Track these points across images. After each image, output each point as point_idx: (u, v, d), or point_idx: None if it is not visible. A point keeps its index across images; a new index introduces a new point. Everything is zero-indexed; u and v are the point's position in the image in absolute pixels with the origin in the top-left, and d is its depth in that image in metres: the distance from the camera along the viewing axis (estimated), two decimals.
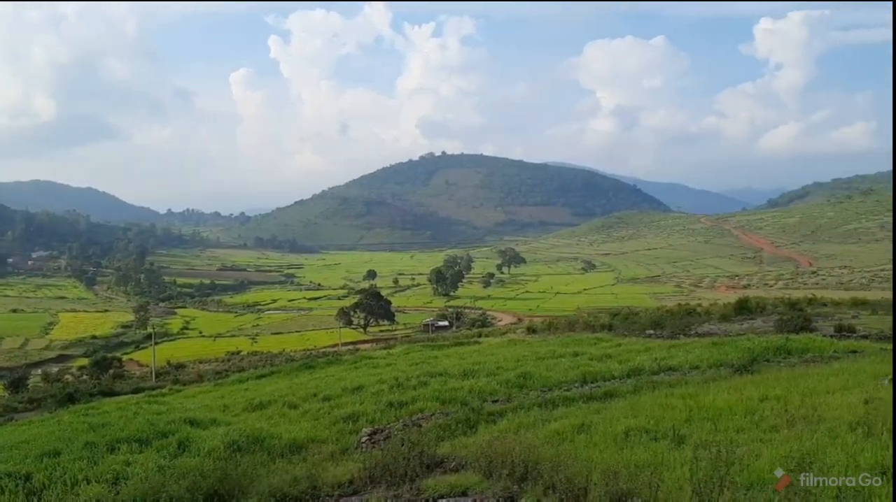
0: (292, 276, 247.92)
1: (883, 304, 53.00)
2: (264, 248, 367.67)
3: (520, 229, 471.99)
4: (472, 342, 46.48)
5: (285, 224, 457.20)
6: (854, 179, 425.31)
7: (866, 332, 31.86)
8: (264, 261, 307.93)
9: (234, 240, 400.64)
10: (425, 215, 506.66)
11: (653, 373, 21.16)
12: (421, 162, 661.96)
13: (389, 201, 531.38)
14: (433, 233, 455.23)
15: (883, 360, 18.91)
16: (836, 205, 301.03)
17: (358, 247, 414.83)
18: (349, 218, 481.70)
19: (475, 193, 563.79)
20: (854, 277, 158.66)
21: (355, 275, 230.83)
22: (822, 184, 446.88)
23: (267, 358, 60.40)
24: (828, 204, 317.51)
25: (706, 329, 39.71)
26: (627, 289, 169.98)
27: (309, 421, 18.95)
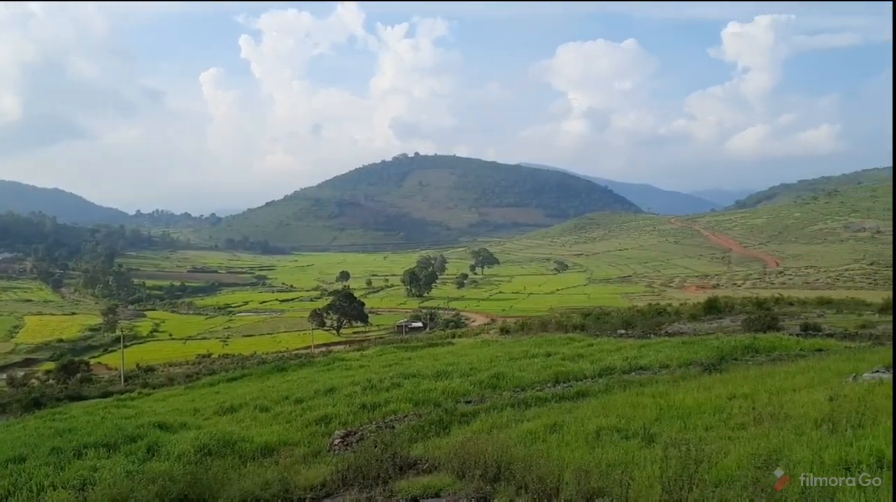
0: (264, 278, 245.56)
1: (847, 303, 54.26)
2: (235, 250, 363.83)
3: (493, 230, 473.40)
4: (446, 343, 46.55)
5: (257, 225, 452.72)
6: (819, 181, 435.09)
7: (831, 331, 32.61)
8: (235, 262, 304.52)
9: (205, 242, 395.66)
10: (399, 216, 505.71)
11: (624, 373, 21.39)
12: (394, 163, 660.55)
13: (363, 202, 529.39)
14: (407, 234, 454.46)
15: (848, 358, 19.34)
16: (802, 206, 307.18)
17: (331, 248, 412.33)
18: (322, 219, 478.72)
19: (449, 194, 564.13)
20: (820, 277, 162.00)
21: (328, 277, 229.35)
22: (789, 185, 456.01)
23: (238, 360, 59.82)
24: (794, 205, 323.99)
25: (676, 328, 40.25)
26: (599, 289, 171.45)
27: (281, 423, 18.79)
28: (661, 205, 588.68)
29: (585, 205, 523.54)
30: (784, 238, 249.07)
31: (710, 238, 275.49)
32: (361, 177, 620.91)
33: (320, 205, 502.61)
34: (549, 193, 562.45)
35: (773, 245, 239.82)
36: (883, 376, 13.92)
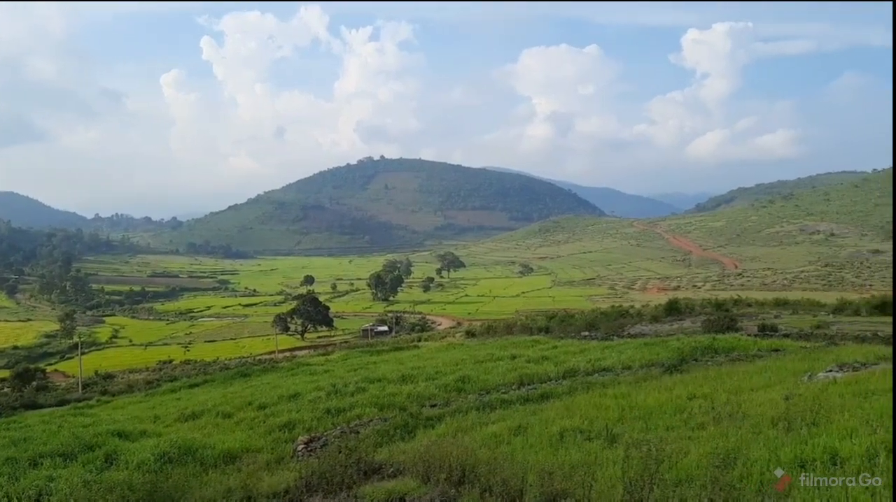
0: (227, 283, 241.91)
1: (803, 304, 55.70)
2: (197, 254, 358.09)
3: (459, 233, 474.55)
4: (412, 347, 46.50)
5: (219, 229, 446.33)
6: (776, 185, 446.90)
7: (788, 331, 33.41)
8: (197, 267, 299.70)
9: (166, 246, 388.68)
10: (364, 220, 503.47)
11: (587, 374, 21.62)
12: (359, 166, 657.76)
13: (327, 205, 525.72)
14: (372, 238, 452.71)
15: (803, 358, 19.85)
16: (759, 210, 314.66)
17: (295, 252, 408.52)
18: (286, 222, 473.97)
19: (414, 198, 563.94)
20: (776, 278, 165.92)
21: (292, 281, 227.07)
22: (747, 189, 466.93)
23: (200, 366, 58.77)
24: (752, 208, 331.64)
25: (638, 330, 40.82)
26: (564, 291, 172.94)
27: (244, 430, 18.55)
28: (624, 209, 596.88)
29: (550, 208, 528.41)
30: (742, 240, 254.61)
31: (670, 241, 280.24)
32: (326, 181, 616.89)
33: (284, 208, 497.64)
34: (513, 197, 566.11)
35: (731, 247, 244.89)
36: (836, 375, 14.34)
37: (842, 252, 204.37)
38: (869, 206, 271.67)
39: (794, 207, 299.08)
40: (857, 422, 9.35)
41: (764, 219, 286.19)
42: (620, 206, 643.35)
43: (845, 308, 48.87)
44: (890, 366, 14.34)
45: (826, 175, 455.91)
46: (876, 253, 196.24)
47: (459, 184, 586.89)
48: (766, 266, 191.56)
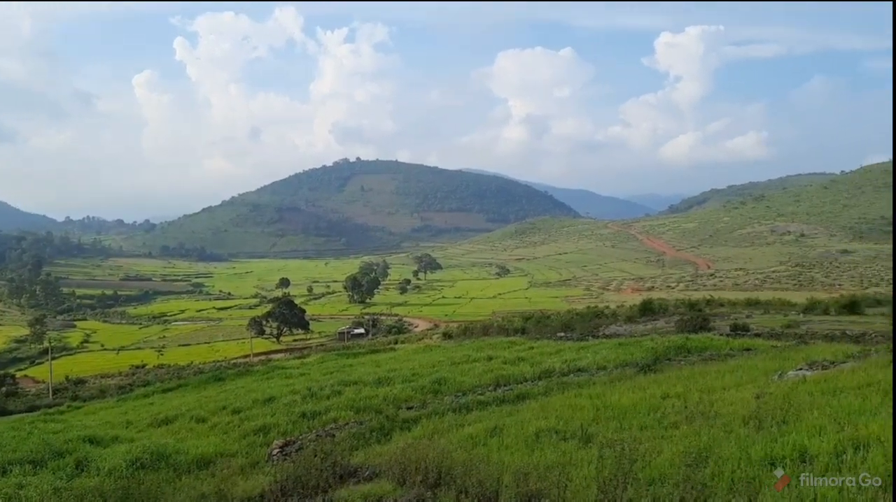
0: (201, 286, 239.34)
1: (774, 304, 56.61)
2: (171, 257, 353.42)
3: (436, 235, 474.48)
4: (388, 349, 46.43)
5: (193, 231, 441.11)
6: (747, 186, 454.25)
7: (759, 331, 33.92)
8: (171, 270, 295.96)
9: (139, 249, 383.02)
10: (340, 222, 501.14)
11: (563, 375, 21.76)
12: (335, 168, 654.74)
13: (303, 207, 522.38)
14: (348, 240, 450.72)
15: (774, 357, 20.18)
16: (731, 211, 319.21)
17: (270, 254, 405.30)
18: (261, 225, 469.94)
19: (391, 200, 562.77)
20: (748, 279, 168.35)
21: (268, 284, 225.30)
22: (719, 190, 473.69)
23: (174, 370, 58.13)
24: (724, 209, 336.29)
25: (613, 330, 41.15)
26: (540, 292, 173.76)
27: (218, 434, 18.39)
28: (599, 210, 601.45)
29: (526, 210, 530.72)
30: (714, 241, 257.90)
31: (645, 242, 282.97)
32: (302, 182, 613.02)
33: (259, 210, 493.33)
34: (490, 198, 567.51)
35: (704, 248, 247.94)
36: (806, 373, 14.60)
37: (812, 252, 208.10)
38: (837, 208, 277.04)
39: (765, 208, 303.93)
40: (826, 420, 9.52)
41: (736, 220, 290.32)
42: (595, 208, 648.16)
43: (815, 307, 49.77)
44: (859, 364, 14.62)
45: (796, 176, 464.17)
46: (845, 253, 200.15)
47: (436, 185, 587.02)
48: (738, 266, 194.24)
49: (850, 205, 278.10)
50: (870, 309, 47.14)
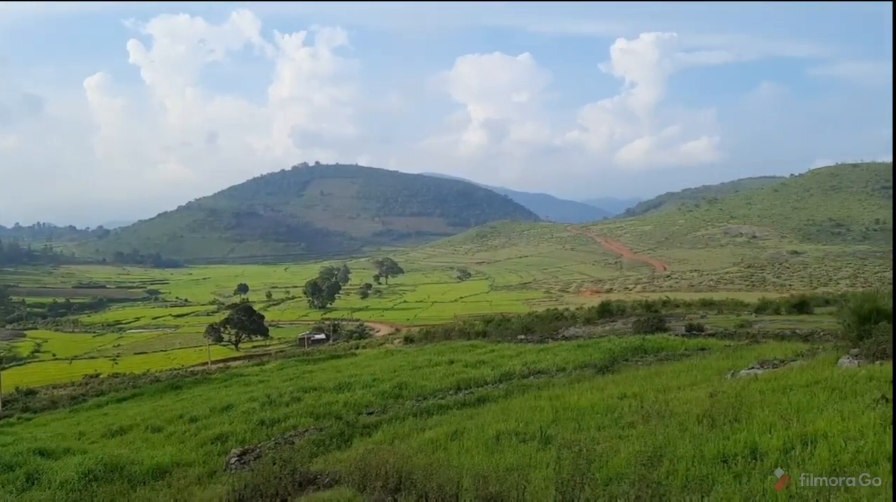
0: (157, 292, 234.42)
1: (727, 304, 57.93)
2: (125, 264, 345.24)
3: (397, 239, 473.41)
4: (349, 354, 46.11)
5: (148, 237, 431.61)
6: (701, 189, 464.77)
7: (713, 331, 34.66)
8: (125, 276, 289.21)
9: (92, 256, 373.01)
10: (300, 226, 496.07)
11: (523, 377, 21.92)
12: (294, 172, 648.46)
13: (261, 212, 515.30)
14: (308, 245, 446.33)
15: (727, 356, 20.65)
16: (686, 214, 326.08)
17: (228, 260, 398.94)
18: (218, 230, 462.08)
19: (351, 204, 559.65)
20: (703, 280, 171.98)
21: (226, 290, 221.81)
22: (674, 194, 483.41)
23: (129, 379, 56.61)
24: (678, 212, 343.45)
25: (572, 332, 41.56)
26: (501, 296, 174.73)
27: (174, 444, 18.04)
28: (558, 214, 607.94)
29: (486, 213, 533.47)
30: (670, 243, 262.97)
31: (603, 244, 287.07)
32: (260, 187, 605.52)
33: (216, 215, 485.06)
34: (450, 202, 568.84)
35: (660, 250, 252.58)
36: (757, 372, 14.99)
37: (763, 253, 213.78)
38: (787, 210, 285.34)
39: (719, 211, 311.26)
40: (776, 417, 9.79)
41: (690, 222, 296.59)
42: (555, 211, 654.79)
43: (766, 307, 51.05)
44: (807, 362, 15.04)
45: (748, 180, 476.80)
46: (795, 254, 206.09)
47: (397, 189, 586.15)
48: (693, 268, 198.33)
49: (800, 207, 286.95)
50: (818, 308, 48.56)
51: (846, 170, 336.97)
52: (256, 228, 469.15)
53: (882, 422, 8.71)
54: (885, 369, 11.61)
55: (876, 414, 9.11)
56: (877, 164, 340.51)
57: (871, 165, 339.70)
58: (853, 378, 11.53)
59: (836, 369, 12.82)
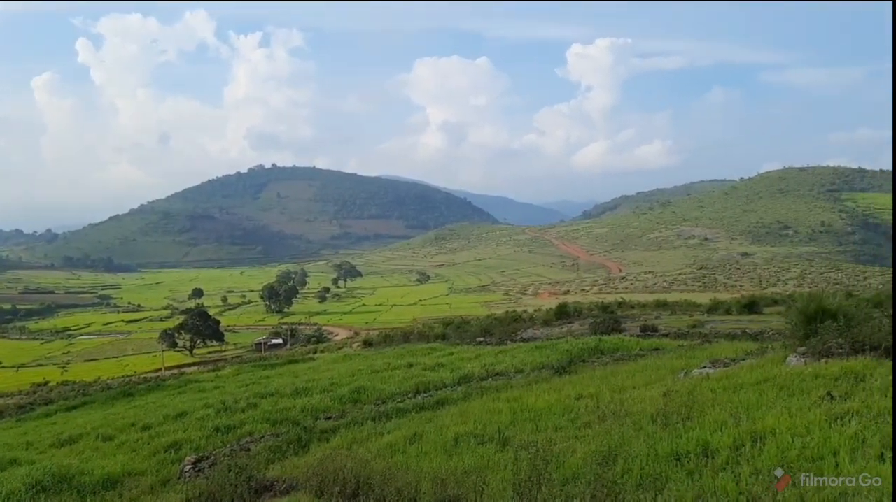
0: (108, 298, 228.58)
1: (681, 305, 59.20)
2: (75, 268, 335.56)
3: (355, 242, 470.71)
4: (307, 359, 45.60)
5: (99, 241, 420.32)
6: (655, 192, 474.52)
7: (667, 331, 35.31)
8: (75, 282, 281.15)
9: (40, 260, 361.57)
10: (256, 229, 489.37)
11: (482, 379, 21.97)
12: (250, 174, 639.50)
13: (216, 215, 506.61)
14: (265, 248, 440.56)
15: (680, 356, 21.04)
16: (640, 216, 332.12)
17: (182, 264, 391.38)
18: (172, 233, 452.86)
19: (309, 207, 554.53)
20: (657, 281, 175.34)
21: (180, 295, 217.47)
22: (629, 196, 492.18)
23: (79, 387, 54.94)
24: (633, 215, 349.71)
25: (530, 334, 41.89)
26: (460, 298, 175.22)
27: (126, 453, 17.58)
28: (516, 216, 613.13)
29: (445, 216, 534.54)
30: (625, 246, 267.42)
31: (560, 247, 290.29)
32: (215, 190, 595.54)
33: (170, 218, 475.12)
34: (409, 205, 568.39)
35: (616, 252, 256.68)
36: (709, 371, 15.31)
37: (714, 255, 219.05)
38: (737, 212, 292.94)
39: (672, 214, 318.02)
40: (726, 415, 10.01)
41: (645, 225, 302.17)
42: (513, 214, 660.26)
43: (718, 307, 52.31)
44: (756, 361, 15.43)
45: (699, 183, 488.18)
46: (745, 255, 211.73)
47: (355, 192, 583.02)
48: (647, 269, 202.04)
49: (749, 210, 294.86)
50: (767, 308, 49.92)
51: (793, 174, 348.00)
52: (211, 231, 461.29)
53: (827, 418, 8.99)
54: (830, 367, 11.97)
55: (822, 410, 9.39)
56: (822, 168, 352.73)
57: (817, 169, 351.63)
58: (800, 376, 11.85)
59: (784, 367, 13.15)
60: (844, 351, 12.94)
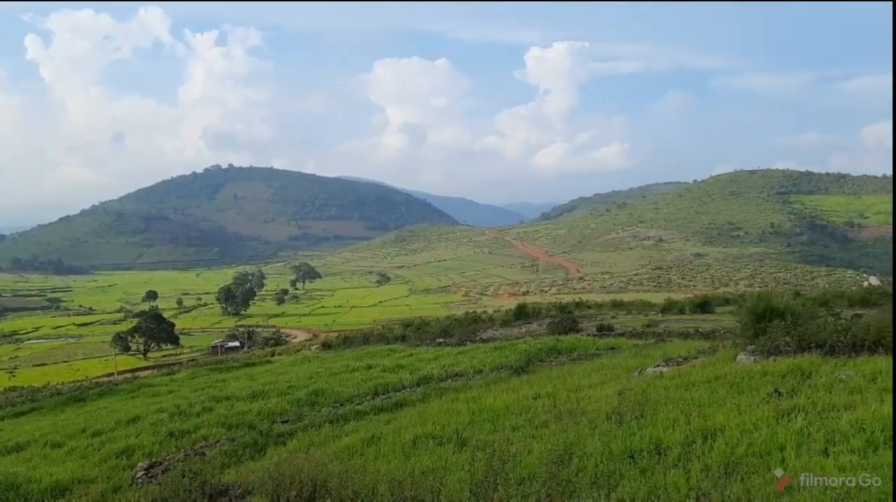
0: (58, 301, 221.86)
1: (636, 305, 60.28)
2: (23, 270, 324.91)
3: (314, 244, 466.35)
4: (265, 362, 45.05)
5: (49, 243, 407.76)
6: (611, 194, 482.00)
7: (622, 330, 35.91)
8: (23, 284, 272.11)
9: None
10: (212, 231, 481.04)
11: (441, 380, 22.03)
12: (206, 174, 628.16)
13: (171, 216, 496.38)
14: (221, 250, 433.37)
15: (635, 355, 21.44)
16: (597, 218, 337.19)
17: (136, 266, 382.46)
18: (125, 234, 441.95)
19: (266, 207, 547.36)
20: (614, 281, 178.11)
21: (133, 297, 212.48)
22: (586, 198, 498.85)
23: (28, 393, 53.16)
24: (591, 216, 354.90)
25: (490, 334, 42.10)
26: (421, 299, 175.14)
27: (76, 459, 17.12)
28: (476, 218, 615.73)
29: (405, 217, 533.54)
30: (583, 247, 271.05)
31: (519, 248, 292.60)
32: (170, 190, 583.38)
33: (123, 219, 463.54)
34: (369, 206, 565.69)
35: (574, 253, 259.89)
36: (662, 369, 15.62)
37: (669, 256, 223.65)
38: (691, 214, 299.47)
39: (628, 215, 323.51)
40: (678, 413, 10.22)
41: (602, 226, 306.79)
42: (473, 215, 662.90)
43: (672, 307, 53.43)
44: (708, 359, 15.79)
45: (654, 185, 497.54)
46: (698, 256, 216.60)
47: (314, 193, 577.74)
48: (604, 270, 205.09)
49: (702, 211, 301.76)
50: (719, 307, 51.16)
51: (744, 177, 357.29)
52: (166, 233, 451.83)
53: (774, 415, 9.26)
54: (778, 365, 12.33)
55: (769, 407, 9.67)
56: (772, 171, 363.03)
57: (767, 172, 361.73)
58: (749, 373, 12.18)
59: (735, 365, 13.48)
60: (791, 348, 13.36)
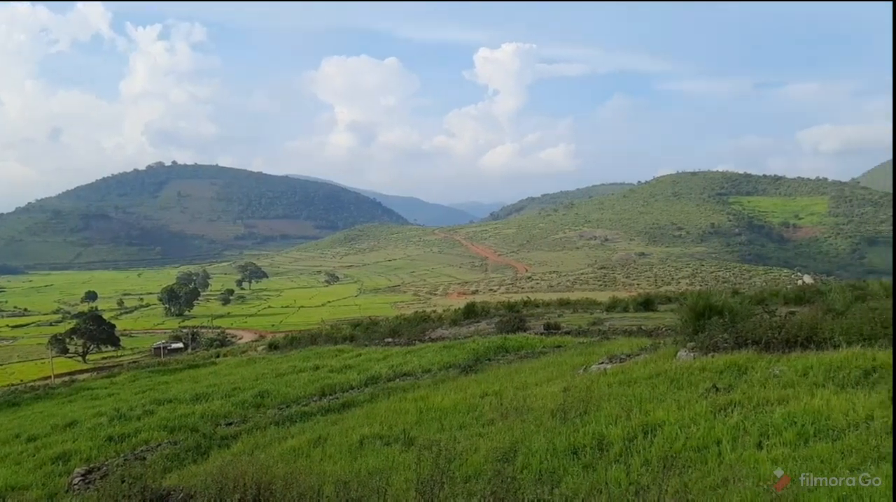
0: None
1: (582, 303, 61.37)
2: None
3: (261, 243, 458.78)
4: (209, 363, 44.09)
5: None
6: (559, 195, 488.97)
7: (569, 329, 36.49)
8: None
9: None
10: (155, 229, 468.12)
11: (389, 380, 22.01)
12: (149, 172, 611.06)
13: (112, 214, 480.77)
14: (164, 249, 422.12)
15: (580, 353, 21.83)
16: (545, 218, 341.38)
17: (74, 265, 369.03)
18: (63, 233, 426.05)
19: (211, 206, 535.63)
20: (561, 280, 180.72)
21: (71, 298, 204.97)
22: (534, 198, 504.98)
23: None
24: (539, 216, 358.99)
25: (439, 333, 42.20)
26: (370, 299, 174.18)
27: (9, 466, 16.46)
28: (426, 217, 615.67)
29: (355, 216, 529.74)
30: (531, 246, 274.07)
31: (469, 247, 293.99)
32: (111, 188, 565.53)
33: (61, 217, 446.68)
34: (318, 205, 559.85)
35: (522, 253, 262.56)
36: (606, 366, 15.96)
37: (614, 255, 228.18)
38: (635, 214, 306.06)
39: (575, 215, 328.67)
40: (620, 409, 10.48)
41: (549, 226, 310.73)
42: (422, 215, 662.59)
43: (616, 306, 54.58)
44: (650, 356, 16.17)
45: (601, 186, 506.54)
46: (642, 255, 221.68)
47: (261, 191, 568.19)
48: (551, 269, 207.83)
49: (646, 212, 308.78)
50: (662, 305, 52.45)
51: (686, 178, 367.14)
52: (106, 231, 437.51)
53: (712, 410, 9.58)
54: (716, 361, 12.74)
55: (707, 402, 10.00)
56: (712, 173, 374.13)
57: (707, 174, 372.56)
58: (689, 369, 12.55)
59: (675, 362, 13.86)
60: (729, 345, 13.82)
